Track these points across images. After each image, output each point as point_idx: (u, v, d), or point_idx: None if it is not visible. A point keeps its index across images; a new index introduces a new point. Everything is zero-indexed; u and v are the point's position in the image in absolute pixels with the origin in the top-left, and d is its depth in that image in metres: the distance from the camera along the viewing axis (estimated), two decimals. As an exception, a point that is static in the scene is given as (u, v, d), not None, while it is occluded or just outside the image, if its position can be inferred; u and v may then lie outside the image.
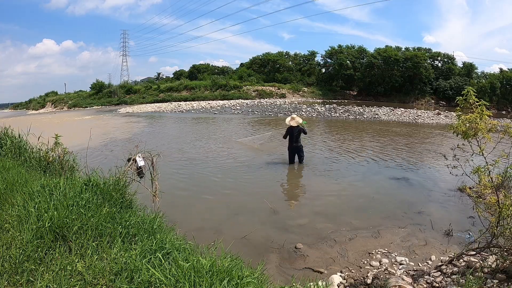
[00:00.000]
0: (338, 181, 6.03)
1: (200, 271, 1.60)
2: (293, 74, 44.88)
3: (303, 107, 23.42)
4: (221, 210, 4.60)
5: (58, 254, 1.81)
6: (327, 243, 3.60)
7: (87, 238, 1.95)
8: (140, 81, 66.94)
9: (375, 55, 39.55)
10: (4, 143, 4.64)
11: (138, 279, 1.59)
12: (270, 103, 28.81)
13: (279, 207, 4.63)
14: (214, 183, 5.93)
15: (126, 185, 2.92)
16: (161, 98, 40.10)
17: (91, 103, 43.84)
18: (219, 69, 54.16)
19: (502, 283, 2.31)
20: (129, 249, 1.88)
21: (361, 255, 3.35)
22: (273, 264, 3.13)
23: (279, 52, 48.10)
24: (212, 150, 9.18)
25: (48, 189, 2.54)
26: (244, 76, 43.46)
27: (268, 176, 6.46)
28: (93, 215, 2.17)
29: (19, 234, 1.97)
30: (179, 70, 57.45)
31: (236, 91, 38.65)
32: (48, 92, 63.63)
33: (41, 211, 2.14)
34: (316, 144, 9.82)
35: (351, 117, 18.57)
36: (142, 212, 2.71)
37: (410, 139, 11.28)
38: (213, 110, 24.15)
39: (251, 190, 5.52)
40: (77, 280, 1.63)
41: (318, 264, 3.18)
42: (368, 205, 4.77)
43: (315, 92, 40.35)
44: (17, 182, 2.97)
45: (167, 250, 1.89)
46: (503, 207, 2.34)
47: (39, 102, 57.23)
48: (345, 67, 40.96)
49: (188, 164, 7.50)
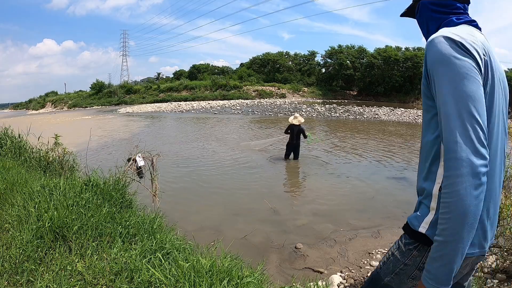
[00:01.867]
0: (338, 181, 6.03)
1: (200, 271, 1.60)
2: (293, 74, 44.89)
3: (303, 107, 23.42)
4: (221, 210, 4.60)
5: (58, 254, 1.81)
6: (327, 243, 3.60)
7: (87, 238, 1.95)
8: (140, 81, 67.04)
9: (375, 55, 39.55)
10: (4, 143, 4.64)
11: (138, 279, 1.59)
12: (270, 103, 28.81)
13: (279, 207, 4.63)
14: (214, 183, 5.93)
15: (126, 185, 2.93)
16: (161, 98, 40.12)
17: (91, 103, 43.86)
18: (219, 69, 54.17)
19: (502, 283, 2.32)
20: (129, 249, 1.88)
21: (361, 255, 3.35)
22: (273, 264, 3.13)
23: (279, 52, 48.11)
24: (212, 150, 9.18)
25: (48, 189, 2.55)
26: (244, 76, 43.48)
27: (268, 176, 6.46)
28: (93, 215, 2.17)
29: (19, 234, 1.97)
30: (179, 70, 57.51)
31: (236, 91, 38.66)
32: (48, 92, 63.76)
33: (41, 211, 2.14)
34: (316, 144, 9.82)
35: (351, 117, 18.58)
36: (142, 212, 2.71)
37: (410, 139, 11.28)
38: (213, 110, 24.16)
39: (251, 190, 5.52)
40: (77, 280, 1.63)
41: (318, 264, 3.18)
42: (368, 205, 4.77)
43: (315, 92, 40.36)
44: (17, 182, 2.97)
45: (167, 250, 1.89)
46: (503, 207, 2.34)
47: (39, 102, 57.26)
48: (345, 67, 40.97)
49: (188, 164, 7.50)
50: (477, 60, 0.78)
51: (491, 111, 0.83)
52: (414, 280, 0.92)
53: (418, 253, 0.89)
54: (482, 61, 0.79)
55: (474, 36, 0.82)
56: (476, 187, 0.72)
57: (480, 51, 0.80)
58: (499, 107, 0.86)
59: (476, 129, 0.73)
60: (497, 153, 0.87)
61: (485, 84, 0.80)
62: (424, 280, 0.80)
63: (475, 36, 0.83)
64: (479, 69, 0.78)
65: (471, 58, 0.78)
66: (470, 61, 0.77)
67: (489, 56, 0.82)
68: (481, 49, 0.81)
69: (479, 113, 0.74)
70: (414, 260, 0.90)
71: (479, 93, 0.75)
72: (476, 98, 0.75)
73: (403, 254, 0.92)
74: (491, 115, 0.83)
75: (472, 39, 0.81)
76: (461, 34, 0.82)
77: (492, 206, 0.87)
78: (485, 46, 0.83)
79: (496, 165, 0.87)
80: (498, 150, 0.87)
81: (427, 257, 0.84)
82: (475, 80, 0.76)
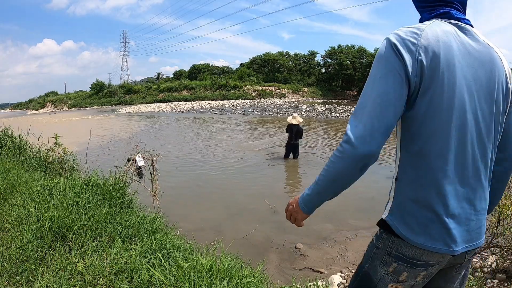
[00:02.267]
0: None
1: (200, 271, 1.60)
2: (293, 74, 44.91)
3: (303, 107, 23.42)
4: (221, 210, 4.60)
5: (58, 254, 1.81)
6: (327, 243, 3.60)
7: (87, 238, 1.95)
8: (140, 81, 67.05)
9: (375, 55, 39.52)
10: (4, 143, 4.64)
11: (138, 279, 1.59)
12: (270, 103, 28.81)
13: (279, 207, 4.63)
14: (214, 183, 5.94)
15: (126, 185, 2.93)
16: (161, 98, 40.16)
17: (91, 103, 43.90)
18: (219, 69, 54.22)
19: (502, 283, 2.32)
20: (129, 249, 1.88)
21: (361, 255, 3.33)
22: (273, 264, 3.13)
23: (279, 52, 48.13)
24: (212, 150, 9.19)
25: (48, 189, 2.55)
26: (244, 76, 43.48)
27: (268, 176, 6.46)
28: (93, 215, 2.17)
29: (19, 234, 1.97)
30: (179, 70, 57.58)
31: (236, 91, 38.68)
32: (48, 92, 63.83)
33: (41, 211, 2.14)
34: (316, 144, 9.82)
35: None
36: (142, 212, 2.71)
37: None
38: (213, 110, 24.16)
39: (251, 190, 5.52)
40: (77, 280, 1.63)
41: (318, 264, 3.18)
42: (368, 205, 4.77)
43: (315, 92, 40.36)
44: (17, 182, 2.97)
45: (167, 250, 1.89)
46: (503, 207, 2.34)
47: (39, 102, 57.32)
48: (345, 67, 40.99)
49: (188, 163, 7.50)
50: (405, 60, 0.81)
51: (435, 104, 0.82)
52: (385, 266, 0.94)
53: (386, 236, 0.94)
54: (415, 61, 0.81)
55: (418, 34, 0.82)
56: (354, 164, 0.84)
57: (417, 50, 0.81)
58: (462, 101, 0.83)
59: (375, 122, 0.82)
60: (459, 149, 0.85)
61: (420, 81, 0.82)
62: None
63: (420, 34, 0.82)
64: (405, 69, 0.81)
65: (399, 59, 0.81)
66: (397, 62, 0.81)
67: (434, 52, 0.81)
68: (422, 47, 0.81)
69: (381, 110, 0.82)
70: (383, 244, 0.94)
71: (389, 92, 0.82)
72: (384, 96, 0.82)
73: (377, 237, 0.98)
74: (436, 108, 0.82)
75: (414, 37, 0.82)
76: (405, 33, 0.84)
77: (457, 204, 0.86)
78: (435, 42, 0.82)
79: (460, 162, 0.85)
80: (459, 147, 0.85)
81: (393, 242, 0.90)
82: (392, 80, 0.82)
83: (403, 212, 0.89)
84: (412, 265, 0.89)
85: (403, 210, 0.89)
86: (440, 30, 0.84)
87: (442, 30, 0.84)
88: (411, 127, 0.87)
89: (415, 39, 0.82)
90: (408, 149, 0.89)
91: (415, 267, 0.90)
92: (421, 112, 0.84)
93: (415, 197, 0.87)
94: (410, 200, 0.88)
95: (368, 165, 0.85)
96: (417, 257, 0.88)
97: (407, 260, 0.90)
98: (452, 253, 0.87)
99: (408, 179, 0.89)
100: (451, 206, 0.85)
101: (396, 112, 0.83)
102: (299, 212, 1.01)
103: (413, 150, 0.87)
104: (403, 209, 0.89)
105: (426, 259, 0.88)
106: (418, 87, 0.82)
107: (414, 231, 0.87)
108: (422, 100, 0.83)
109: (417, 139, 0.86)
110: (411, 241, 0.87)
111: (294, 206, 1.02)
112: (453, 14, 0.89)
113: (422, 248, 0.86)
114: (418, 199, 0.87)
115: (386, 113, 0.82)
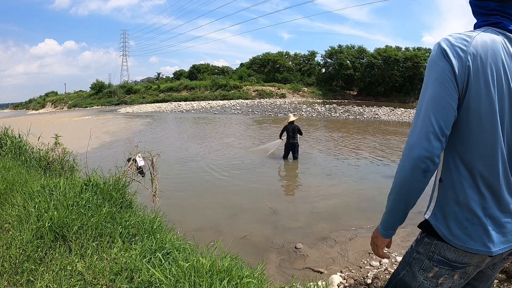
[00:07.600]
0: (338, 181, 6.03)
1: (200, 271, 1.60)
2: (293, 74, 44.86)
3: (303, 107, 23.42)
4: (221, 210, 4.60)
5: (58, 254, 1.81)
6: (327, 243, 3.60)
7: (87, 238, 1.95)
8: (140, 81, 67.02)
9: (375, 55, 39.51)
10: (4, 143, 4.64)
11: (138, 279, 1.59)
12: (270, 103, 28.81)
13: (279, 207, 4.63)
14: (214, 183, 5.94)
15: (126, 185, 2.92)
16: (161, 98, 40.12)
17: (91, 103, 43.87)
18: (219, 69, 54.18)
19: (502, 283, 2.32)
20: (129, 249, 1.88)
21: (361, 255, 3.35)
22: (273, 264, 3.13)
23: (279, 52, 48.04)
24: (212, 150, 9.19)
25: (48, 189, 2.54)
26: (244, 76, 43.44)
27: (268, 176, 6.46)
28: (93, 215, 2.17)
29: (19, 234, 1.97)
30: (179, 70, 57.52)
31: (236, 91, 38.64)
32: (48, 92, 63.80)
33: (41, 211, 2.14)
34: (316, 144, 9.82)
35: (351, 117, 18.57)
36: (142, 212, 2.71)
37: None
38: (213, 110, 24.16)
39: (251, 190, 5.52)
40: (77, 280, 1.63)
41: (318, 264, 3.18)
42: (368, 205, 4.77)
43: (315, 92, 40.32)
44: (17, 182, 2.97)
45: (167, 250, 1.89)
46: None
47: (39, 102, 57.28)
48: (345, 67, 40.93)
49: (188, 163, 7.50)
50: (453, 65, 0.83)
51: (480, 111, 0.84)
52: (425, 272, 0.95)
53: (428, 240, 0.95)
54: (463, 66, 0.83)
55: (468, 41, 0.84)
56: (413, 168, 0.85)
57: (466, 56, 0.83)
58: (503, 106, 0.85)
59: (428, 125, 0.84)
60: (498, 155, 0.86)
61: (467, 87, 0.84)
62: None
63: (470, 41, 0.84)
64: (454, 73, 0.84)
65: (448, 63, 0.84)
66: (447, 66, 0.84)
67: (482, 60, 0.82)
68: (471, 54, 0.83)
69: (434, 112, 0.85)
70: (425, 248, 0.96)
71: (441, 95, 0.84)
72: (436, 99, 0.85)
73: (418, 242, 1.01)
74: (481, 115, 0.85)
75: (464, 43, 0.84)
76: (455, 39, 0.86)
77: (497, 207, 0.88)
78: (484, 50, 0.83)
79: (499, 168, 0.87)
80: (498, 153, 0.86)
81: (435, 246, 0.92)
82: (442, 84, 0.85)
83: (445, 214, 0.91)
84: (454, 268, 0.92)
85: (445, 211, 0.92)
86: (489, 39, 0.86)
87: (492, 40, 0.86)
88: (458, 131, 0.89)
89: (464, 46, 0.84)
90: (454, 151, 0.91)
91: (456, 270, 0.92)
92: (468, 116, 0.86)
93: (458, 198, 0.89)
94: (453, 202, 0.90)
95: (429, 169, 0.86)
96: (459, 260, 0.90)
97: (449, 264, 0.92)
98: (490, 253, 0.89)
99: (452, 181, 0.91)
100: (490, 209, 0.88)
101: (448, 114, 0.85)
102: (378, 237, 1.02)
103: (458, 153, 0.90)
104: (445, 211, 0.92)
105: (467, 261, 0.90)
106: (464, 92, 0.85)
107: (455, 232, 0.89)
108: (468, 105, 0.85)
109: (463, 142, 0.89)
110: (453, 243, 0.89)
111: (375, 233, 1.05)
112: (506, 25, 0.90)
113: (464, 249, 0.88)
114: (460, 201, 0.89)
115: (438, 116, 0.84)
